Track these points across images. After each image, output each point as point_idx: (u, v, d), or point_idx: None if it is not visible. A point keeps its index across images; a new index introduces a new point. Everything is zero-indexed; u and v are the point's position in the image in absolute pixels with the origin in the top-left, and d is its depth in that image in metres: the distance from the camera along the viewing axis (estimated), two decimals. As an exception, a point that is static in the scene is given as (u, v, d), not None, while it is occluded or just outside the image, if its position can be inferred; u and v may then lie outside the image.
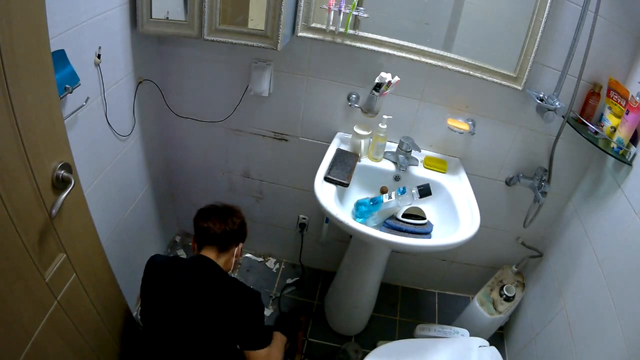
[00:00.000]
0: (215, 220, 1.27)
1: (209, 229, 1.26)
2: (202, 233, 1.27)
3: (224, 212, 1.31)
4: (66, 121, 1.02)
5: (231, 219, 1.30)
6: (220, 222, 1.27)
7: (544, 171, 1.54)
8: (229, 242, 1.29)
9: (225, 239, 1.28)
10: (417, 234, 1.33)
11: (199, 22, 1.30)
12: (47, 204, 0.88)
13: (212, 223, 1.27)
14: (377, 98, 1.42)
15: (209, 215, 1.29)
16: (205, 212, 1.31)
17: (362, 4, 1.34)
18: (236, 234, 1.31)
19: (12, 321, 0.84)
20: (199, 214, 1.31)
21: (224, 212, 1.31)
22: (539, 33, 1.26)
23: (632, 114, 1.21)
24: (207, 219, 1.28)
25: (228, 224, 1.28)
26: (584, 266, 1.43)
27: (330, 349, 1.78)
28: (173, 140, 1.78)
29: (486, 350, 1.35)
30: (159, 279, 1.21)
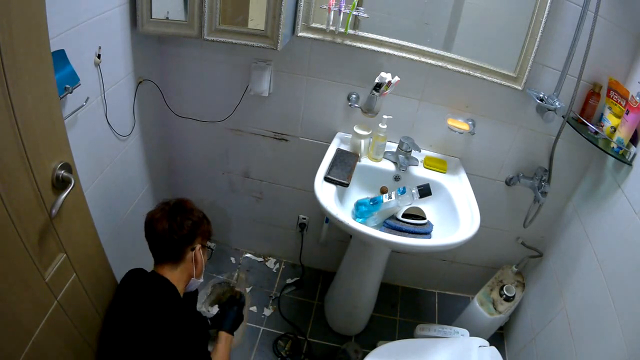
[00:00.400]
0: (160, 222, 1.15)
1: (153, 244, 1.16)
2: (152, 242, 1.17)
3: (173, 211, 1.18)
4: (66, 121, 1.02)
5: (176, 221, 1.16)
6: (162, 232, 1.14)
7: (544, 171, 1.54)
8: (178, 250, 1.17)
9: (174, 247, 1.16)
10: (417, 234, 1.33)
11: (199, 22, 1.30)
12: (47, 204, 0.88)
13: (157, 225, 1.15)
14: (377, 98, 1.42)
15: (151, 225, 1.16)
16: (152, 213, 1.18)
17: (362, 4, 1.34)
18: (185, 237, 1.17)
19: (12, 321, 0.84)
20: (145, 224, 1.19)
21: (173, 211, 1.18)
22: (539, 33, 1.26)
23: (632, 114, 1.21)
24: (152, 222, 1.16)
25: (174, 228, 1.14)
26: (584, 266, 1.43)
27: (330, 349, 1.78)
28: (173, 140, 1.78)
29: (486, 350, 1.35)
30: (116, 297, 1.17)
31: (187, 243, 1.19)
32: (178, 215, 1.17)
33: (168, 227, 1.15)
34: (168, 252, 1.17)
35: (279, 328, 1.83)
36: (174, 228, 1.15)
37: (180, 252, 1.18)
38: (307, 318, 1.89)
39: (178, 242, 1.16)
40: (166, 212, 1.18)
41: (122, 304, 1.14)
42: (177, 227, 1.15)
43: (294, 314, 1.90)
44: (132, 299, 1.13)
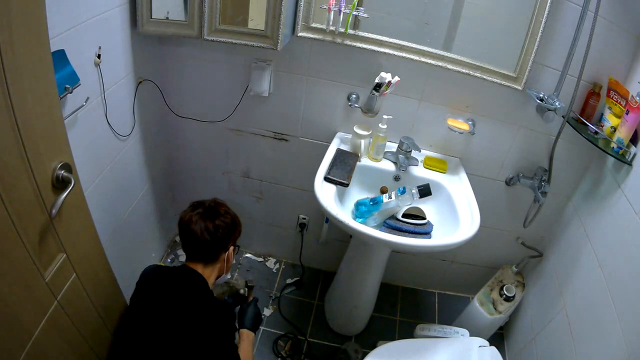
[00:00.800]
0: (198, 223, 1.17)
1: (190, 243, 1.17)
2: (185, 240, 1.19)
3: (210, 213, 1.20)
4: (66, 121, 1.02)
5: (214, 223, 1.18)
6: (202, 233, 1.16)
7: (544, 171, 1.54)
8: (215, 252, 1.20)
9: (210, 250, 1.19)
10: (417, 234, 1.33)
11: (199, 22, 1.30)
12: (47, 204, 0.88)
13: (195, 227, 1.16)
14: (377, 98, 1.42)
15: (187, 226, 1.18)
16: (185, 223, 1.19)
17: (362, 4, 1.34)
18: (222, 240, 1.20)
19: (12, 321, 0.84)
20: (180, 221, 1.21)
21: (210, 213, 1.20)
22: (539, 33, 1.26)
23: (632, 114, 1.21)
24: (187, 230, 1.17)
25: (211, 230, 1.17)
26: (584, 266, 1.43)
27: (330, 349, 1.78)
28: (173, 140, 1.78)
29: (486, 350, 1.35)
30: (143, 289, 1.18)
31: (222, 247, 1.21)
32: (214, 220, 1.18)
33: (204, 231, 1.16)
34: (202, 253, 1.19)
35: (279, 328, 1.83)
36: (210, 233, 1.16)
37: (215, 255, 1.20)
38: (307, 318, 1.89)
39: (213, 247, 1.19)
40: (201, 215, 1.19)
41: (152, 295, 1.14)
42: (212, 233, 1.17)
43: (294, 314, 1.90)
44: (164, 291, 1.14)
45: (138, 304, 1.17)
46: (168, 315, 1.10)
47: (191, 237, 1.17)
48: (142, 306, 1.15)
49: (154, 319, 1.10)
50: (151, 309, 1.12)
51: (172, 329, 1.09)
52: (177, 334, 1.08)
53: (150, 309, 1.12)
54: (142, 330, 1.11)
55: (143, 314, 1.13)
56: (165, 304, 1.12)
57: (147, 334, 1.10)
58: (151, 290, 1.16)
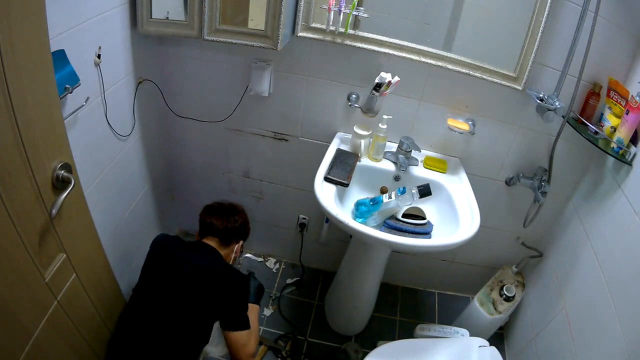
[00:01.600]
0: (218, 218, 1.38)
1: (212, 224, 1.37)
2: (205, 227, 1.38)
3: (228, 210, 1.42)
4: (66, 121, 1.02)
5: (233, 218, 1.40)
6: (223, 220, 1.38)
7: (544, 171, 1.54)
8: (230, 238, 1.39)
9: (226, 235, 1.38)
10: (417, 234, 1.33)
11: (199, 22, 1.30)
12: (47, 204, 0.88)
13: (215, 219, 1.37)
14: (377, 98, 1.42)
15: (213, 212, 1.40)
16: (211, 208, 1.42)
17: (362, 4, 1.33)
18: (237, 231, 1.41)
19: (12, 321, 0.84)
20: (205, 210, 1.42)
21: (228, 210, 1.42)
22: (539, 33, 1.26)
23: (632, 114, 1.21)
24: (211, 215, 1.38)
25: (230, 221, 1.38)
26: (584, 266, 1.43)
27: (330, 349, 1.78)
28: (173, 140, 1.78)
29: (486, 350, 1.35)
30: (158, 253, 1.30)
31: (236, 236, 1.42)
32: (235, 214, 1.42)
33: (225, 219, 1.38)
34: (220, 234, 1.37)
35: (279, 328, 1.83)
36: (230, 221, 1.39)
37: (230, 239, 1.40)
38: (307, 318, 1.89)
39: (231, 232, 1.39)
40: (225, 208, 1.43)
41: (172, 256, 1.27)
42: (233, 221, 1.40)
43: (294, 314, 1.90)
44: (183, 253, 1.28)
45: (152, 271, 1.28)
46: (189, 274, 1.22)
47: (212, 223, 1.37)
48: (162, 265, 1.26)
49: (175, 277, 1.22)
50: (172, 268, 1.24)
51: (193, 285, 1.21)
52: (197, 290, 1.21)
53: (166, 276, 1.23)
54: (163, 288, 1.22)
55: (163, 272, 1.24)
56: (186, 265, 1.23)
57: (168, 291, 1.21)
58: (167, 258, 1.27)
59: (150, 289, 1.25)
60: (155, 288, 1.24)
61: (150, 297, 1.24)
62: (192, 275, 1.22)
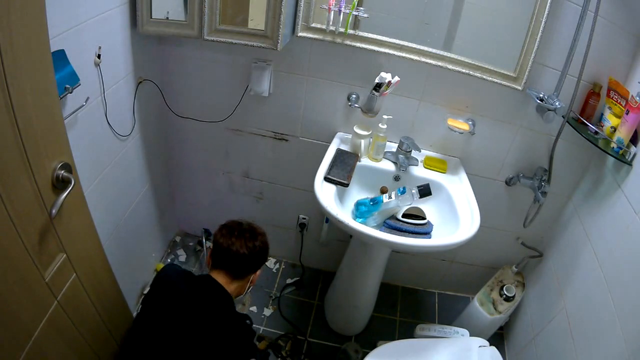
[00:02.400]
0: (236, 241, 1.20)
1: (229, 251, 1.19)
2: (222, 252, 1.20)
3: (248, 233, 1.23)
4: (66, 121, 1.02)
5: (253, 243, 1.22)
6: (241, 245, 1.20)
7: (544, 171, 1.54)
8: (248, 270, 1.23)
9: (244, 265, 1.21)
10: (417, 234, 1.33)
11: (199, 22, 1.30)
12: (47, 204, 0.88)
13: (233, 243, 1.19)
14: (377, 98, 1.42)
15: (230, 234, 1.21)
16: (229, 229, 1.23)
17: (362, 4, 1.34)
18: (256, 260, 1.24)
19: (12, 321, 0.84)
20: (221, 231, 1.23)
21: (248, 233, 1.23)
22: (539, 33, 1.26)
23: (632, 114, 1.21)
24: (229, 238, 1.20)
25: (249, 248, 1.20)
26: (584, 266, 1.43)
27: (330, 349, 1.78)
28: (173, 140, 1.78)
29: (486, 350, 1.35)
30: (161, 290, 1.16)
31: (254, 267, 1.26)
32: (255, 239, 1.23)
33: (244, 247, 1.20)
34: (236, 268, 1.20)
35: (279, 328, 1.83)
36: (249, 249, 1.20)
37: (245, 273, 1.23)
38: (307, 318, 1.89)
39: (248, 264, 1.22)
40: (243, 233, 1.23)
41: (174, 300, 1.12)
42: (251, 249, 1.21)
43: (294, 314, 1.90)
44: (187, 299, 1.12)
45: (156, 307, 1.14)
46: (189, 326, 1.09)
47: (229, 249, 1.19)
48: (162, 310, 1.12)
49: (174, 327, 1.09)
50: (172, 316, 1.10)
51: (193, 340, 1.08)
52: (197, 345, 1.07)
53: (170, 315, 1.10)
54: (160, 336, 1.09)
55: (162, 320, 1.11)
56: (188, 315, 1.10)
57: (165, 340, 1.08)
58: (172, 296, 1.13)
59: (150, 331, 1.12)
60: (155, 331, 1.11)
61: (150, 340, 1.11)
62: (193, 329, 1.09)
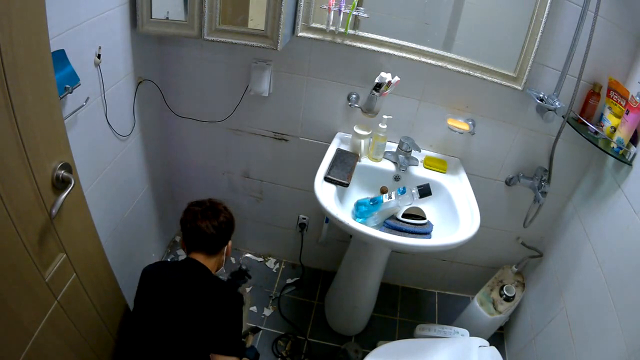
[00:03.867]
0: (202, 220, 1.26)
1: (198, 230, 1.25)
2: (191, 236, 1.27)
3: (212, 211, 1.29)
4: (66, 121, 1.02)
5: (218, 219, 1.28)
6: (208, 223, 1.26)
7: (544, 171, 1.54)
8: (219, 245, 1.30)
9: (215, 243, 1.28)
10: (417, 234, 1.33)
11: (199, 22, 1.30)
12: (47, 204, 0.88)
13: (200, 223, 1.26)
14: (377, 98, 1.42)
15: (195, 217, 1.27)
16: (192, 213, 1.29)
17: (362, 4, 1.34)
18: (225, 233, 1.30)
19: (12, 321, 0.84)
20: (186, 215, 1.30)
21: (212, 211, 1.29)
22: (539, 33, 1.26)
23: (632, 114, 1.21)
24: (194, 221, 1.26)
25: (216, 226, 1.27)
26: (584, 266, 1.43)
27: (330, 349, 1.78)
28: (173, 140, 1.78)
29: (486, 350, 1.35)
30: (149, 284, 1.23)
31: (224, 242, 1.32)
32: (218, 217, 1.29)
33: (210, 227, 1.27)
34: (207, 246, 1.28)
35: (279, 328, 1.83)
36: (215, 228, 1.27)
37: (218, 248, 1.31)
38: (307, 318, 1.89)
39: (218, 240, 1.29)
40: (204, 212, 1.29)
41: (161, 288, 1.20)
42: (217, 227, 1.28)
43: (294, 314, 1.90)
44: (172, 282, 1.21)
45: (147, 299, 1.22)
46: (180, 304, 1.17)
47: (197, 232, 1.26)
48: (153, 300, 1.20)
49: (167, 310, 1.17)
50: (162, 301, 1.18)
51: (186, 315, 1.16)
52: (191, 319, 1.16)
53: (161, 301, 1.18)
54: (156, 322, 1.17)
55: (155, 307, 1.19)
56: (176, 294, 1.18)
57: (161, 324, 1.16)
58: (159, 284, 1.21)
59: (147, 320, 1.19)
60: (151, 319, 1.19)
61: (147, 328, 1.19)
62: (184, 298, 1.17)
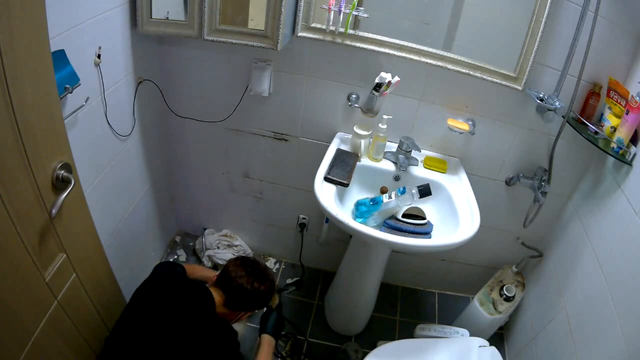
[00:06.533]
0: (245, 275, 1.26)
1: (230, 278, 1.25)
2: (226, 278, 1.27)
3: (260, 275, 1.30)
4: (66, 121, 1.02)
5: (260, 285, 1.27)
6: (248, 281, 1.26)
7: (544, 171, 1.54)
8: (240, 305, 1.28)
9: (240, 300, 1.27)
10: (417, 234, 1.33)
11: (199, 22, 1.30)
12: (47, 204, 0.88)
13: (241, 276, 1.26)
14: (377, 98, 1.42)
15: (245, 266, 1.28)
16: (245, 261, 1.31)
17: (362, 4, 1.33)
18: (253, 301, 1.29)
19: (12, 321, 0.84)
20: (237, 259, 1.31)
21: (260, 275, 1.30)
22: (539, 33, 1.26)
23: (632, 114, 1.21)
24: (242, 268, 1.27)
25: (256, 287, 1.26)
26: (584, 266, 1.43)
27: (330, 349, 1.78)
28: (173, 140, 1.78)
29: (486, 350, 1.35)
30: (151, 289, 1.20)
31: (246, 308, 1.31)
32: (263, 283, 1.29)
33: (248, 287, 1.26)
34: (230, 297, 1.26)
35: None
36: (250, 291, 1.26)
37: (237, 306, 1.28)
38: (307, 318, 1.89)
39: (243, 303, 1.28)
40: (253, 273, 1.29)
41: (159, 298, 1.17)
42: (251, 293, 1.26)
43: (294, 314, 1.90)
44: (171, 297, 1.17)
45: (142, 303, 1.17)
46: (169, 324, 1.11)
47: (235, 278, 1.26)
48: (146, 308, 1.15)
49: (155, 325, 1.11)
50: (154, 314, 1.13)
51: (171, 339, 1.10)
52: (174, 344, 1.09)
53: (153, 313, 1.13)
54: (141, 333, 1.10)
55: (145, 316, 1.14)
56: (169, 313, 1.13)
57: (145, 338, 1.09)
58: (158, 294, 1.17)
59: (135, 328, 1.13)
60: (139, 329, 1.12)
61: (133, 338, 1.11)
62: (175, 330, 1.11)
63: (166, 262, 1.27)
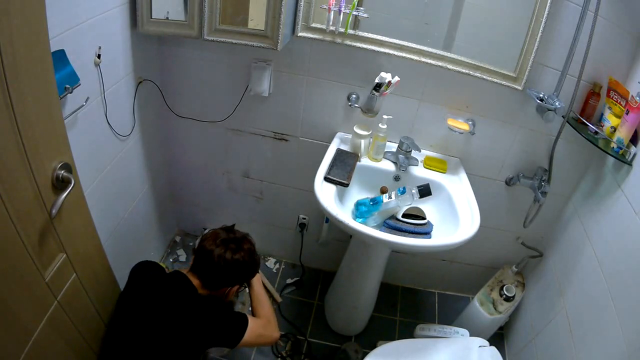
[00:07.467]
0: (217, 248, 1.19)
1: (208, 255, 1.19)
2: (200, 256, 1.22)
3: (235, 244, 1.23)
4: (66, 121, 1.02)
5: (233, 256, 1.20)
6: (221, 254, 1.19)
7: (544, 171, 1.54)
8: (219, 283, 1.23)
9: (216, 277, 1.22)
10: (417, 234, 1.33)
11: (199, 22, 1.30)
12: (47, 204, 0.88)
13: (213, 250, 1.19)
14: (377, 98, 1.42)
15: (216, 238, 1.22)
16: (217, 234, 1.24)
17: (362, 4, 1.33)
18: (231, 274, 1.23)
19: (12, 321, 0.84)
20: (212, 232, 1.25)
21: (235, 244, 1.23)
22: (539, 33, 1.26)
23: (632, 114, 1.21)
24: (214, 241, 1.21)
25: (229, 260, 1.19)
26: (584, 266, 1.43)
27: (330, 349, 1.78)
28: (173, 140, 1.78)
29: (486, 350, 1.35)
30: (132, 286, 1.21)
31: (227, 283, 1.26)
32: (236, 252, 1.22)
33: (220, 257, 1.19)
34: (206, 278, 1.22)
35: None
36: (224, 265, 1.19)
37: (217, 285, 1.24)
38: (307, 318, 1.89)
39: (220, 280, 1.23)
40: (227, 240, 1.22)
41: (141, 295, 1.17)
42: (226, 267, 1.20)
43: (294, 314, 1.90)
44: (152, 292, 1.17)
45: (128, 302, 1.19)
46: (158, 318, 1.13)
47: (207, 255, 1.20)
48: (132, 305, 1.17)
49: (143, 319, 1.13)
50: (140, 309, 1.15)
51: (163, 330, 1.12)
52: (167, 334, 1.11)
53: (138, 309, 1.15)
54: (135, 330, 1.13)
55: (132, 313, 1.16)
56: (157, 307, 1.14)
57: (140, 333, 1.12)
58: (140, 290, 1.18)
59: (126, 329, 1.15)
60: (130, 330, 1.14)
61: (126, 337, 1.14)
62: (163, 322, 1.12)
63: (141, 261, 1.26)
